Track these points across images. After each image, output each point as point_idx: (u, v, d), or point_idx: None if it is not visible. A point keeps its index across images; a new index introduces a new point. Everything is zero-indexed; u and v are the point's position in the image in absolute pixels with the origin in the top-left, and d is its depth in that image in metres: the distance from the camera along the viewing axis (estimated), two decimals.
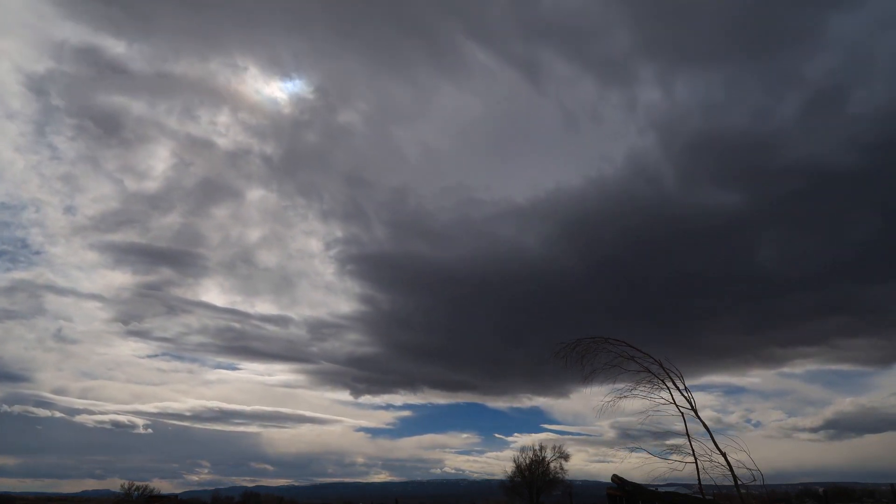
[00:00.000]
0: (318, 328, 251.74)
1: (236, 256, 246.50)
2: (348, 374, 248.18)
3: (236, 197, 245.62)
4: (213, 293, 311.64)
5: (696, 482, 10.54)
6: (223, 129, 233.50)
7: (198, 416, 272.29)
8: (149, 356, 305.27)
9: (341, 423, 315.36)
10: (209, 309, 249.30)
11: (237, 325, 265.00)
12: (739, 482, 10.05)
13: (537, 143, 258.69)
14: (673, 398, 11.25)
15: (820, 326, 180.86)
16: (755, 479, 10.01)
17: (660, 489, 11.44)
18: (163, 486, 41.14)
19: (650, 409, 11.45)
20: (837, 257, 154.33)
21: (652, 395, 11.44)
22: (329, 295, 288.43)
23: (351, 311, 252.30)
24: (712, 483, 10.42)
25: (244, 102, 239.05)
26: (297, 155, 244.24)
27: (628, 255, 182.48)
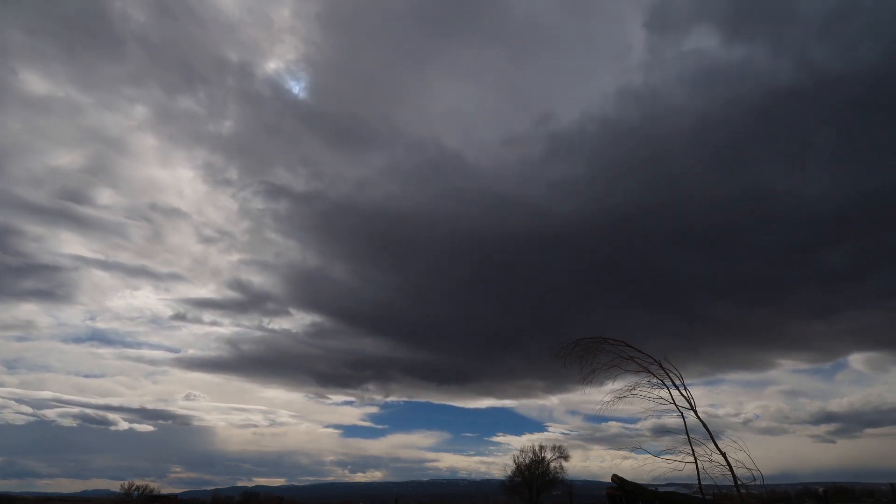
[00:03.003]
0: (244, 293, 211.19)
1: (69, 193, 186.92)
2: (300, 359, 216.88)
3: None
4: (72, 246, 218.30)
5: (696, 482, 10.53)
6: None
7: (152, 412, 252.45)
8: (75, 341, 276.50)
9: (305, 420, 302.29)
10: (87, 264, 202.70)
11: (155, 297, 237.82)
12: (739, 482, 10.04)
13: None
14: (672, 398, 11.25)
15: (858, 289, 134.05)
16: (755, 479, 10.01)
17: (660, 489, 11.45)
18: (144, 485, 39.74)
19: (650, 410, 11.46)
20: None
21: (652, 396, 11.45)
22: (210, 245, 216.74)
23: (269, 264, 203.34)
24: (712, 483, 10.42)
25: None
26: None
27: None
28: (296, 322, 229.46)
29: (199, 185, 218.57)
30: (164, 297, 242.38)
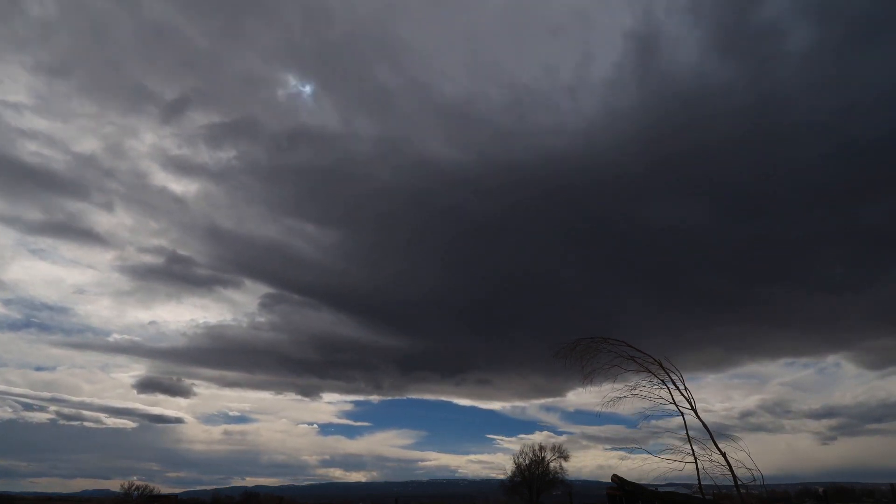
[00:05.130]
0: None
1: None
2: (250, 343, 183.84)
3: None
4: None
5: (696, 482, 10.54)
6: None
7: (121, 410, 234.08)
8: (10, 328, 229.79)
9: (279, 417, 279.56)
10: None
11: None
12: (739, 482, 10.05)
13: None
14: (672, 398, 11.26)
15: None
16: (755, 479, 10.02)
17: (660, 489, 11.45)
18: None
19: (650, 409, 11.47)
20: None
21: (652, 395, 11.46)
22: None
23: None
24: (712, 483, 10.42)
25: None
26: None
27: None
28: (226, 296, 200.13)
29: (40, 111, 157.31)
30: (72, 269, 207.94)
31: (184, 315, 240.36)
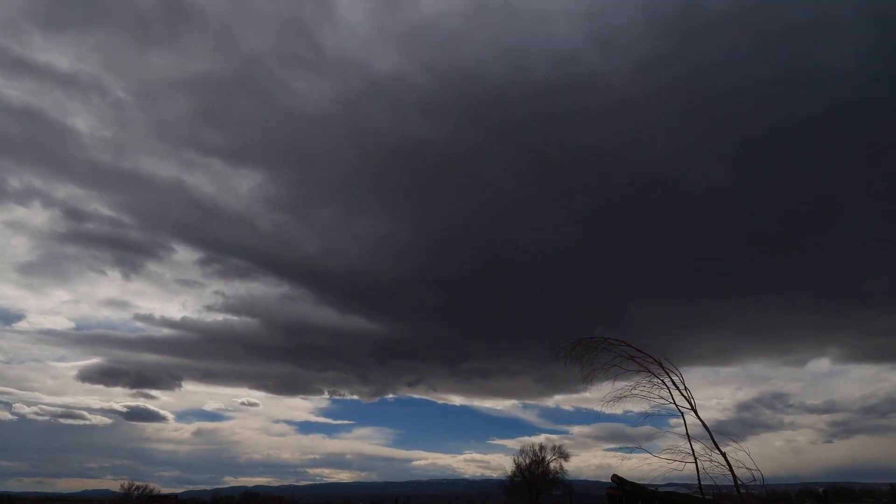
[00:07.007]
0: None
1: None
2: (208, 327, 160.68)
3: None
4: None
5: (696, 482, 10.53)
6: None
7: (89, 407, 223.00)
8: None
9: (252, 415, 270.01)
10: None
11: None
12: (739, 482, 10.04)
13: None
14: (672, 398, 11.25)
15: None
16: (755, 479, 10.01)
17: (660, 489, 11.45)
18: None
19: (650, 410, 11.47)
20: None
21: (652, 395, 11.45)
22: None
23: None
24: (712, 483, 10.41)
25: None
26: None
27: None
28: (150, 269, 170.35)
29: None
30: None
31: (104, 289, 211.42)
